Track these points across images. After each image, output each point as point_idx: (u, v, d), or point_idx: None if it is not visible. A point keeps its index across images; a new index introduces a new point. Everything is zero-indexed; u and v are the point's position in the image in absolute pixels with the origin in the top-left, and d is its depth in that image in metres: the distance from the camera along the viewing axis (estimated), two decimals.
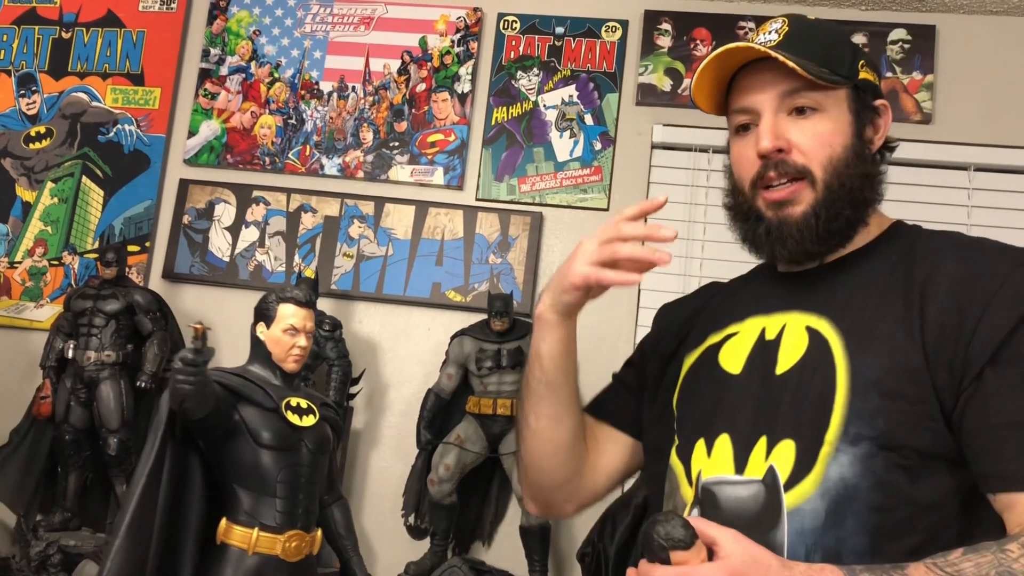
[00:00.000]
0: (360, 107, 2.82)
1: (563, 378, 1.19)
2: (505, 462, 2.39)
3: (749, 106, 1.10)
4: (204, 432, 1.64)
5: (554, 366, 1.18)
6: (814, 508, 0.96)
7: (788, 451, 0.99)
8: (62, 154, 2.91)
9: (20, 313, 2.82)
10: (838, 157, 1.07)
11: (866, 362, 0.99)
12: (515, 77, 2.77)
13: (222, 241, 2.79)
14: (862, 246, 1.11)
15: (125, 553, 1.46)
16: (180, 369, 1.48)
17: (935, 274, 1.02)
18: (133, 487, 1.52)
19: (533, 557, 2.35)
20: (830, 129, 1.07)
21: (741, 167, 1.12)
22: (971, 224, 2.51)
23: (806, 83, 1.06)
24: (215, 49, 2.91)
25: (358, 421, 2.63)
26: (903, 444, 0.95)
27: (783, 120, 1.07)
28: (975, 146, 2.54)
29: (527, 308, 2.61)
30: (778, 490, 0.97)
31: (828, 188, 1.06)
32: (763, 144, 1.06)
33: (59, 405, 2.48)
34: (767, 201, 1.08)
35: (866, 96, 1.11)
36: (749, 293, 1.19)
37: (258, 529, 1.64)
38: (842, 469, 0.96)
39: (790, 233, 1.07)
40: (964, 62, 2.61)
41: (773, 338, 1.08)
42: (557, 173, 2.70)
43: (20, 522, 2.46)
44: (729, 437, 1.05)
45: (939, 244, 1.08)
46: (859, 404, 0.97)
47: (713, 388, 1.10)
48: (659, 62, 2.72)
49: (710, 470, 1.05)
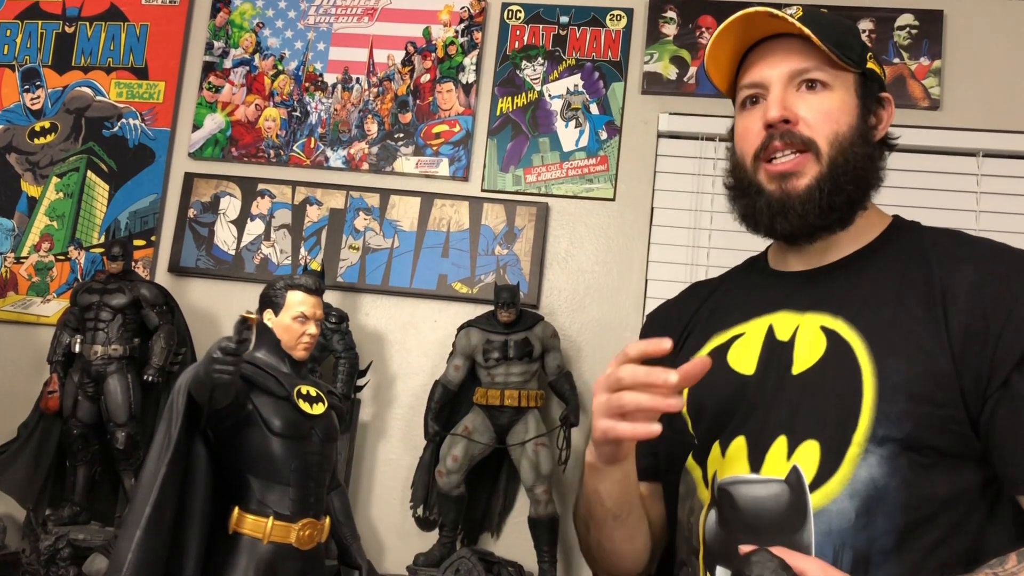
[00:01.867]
0: (364, 99, 2.81)
1: (628, 508, 1.17)
2: (513, 453, 2.39)
3: (759, 80, 1.11)
4: (216, 421, 1.63)
5: (616, 503, 1.15)
6: (841, 509, 0.96)
7: (812, 451, 0.99)
8: (67, 149, 2.91)
9: (27, 308, 2.83)
10: (843, 134, 1.07)
11: (892, 365, 0.99)
12: (520, 67, 2.76)
13: (228, 234, 2.78)
14: (865, 246, 1.11)
15: (145, 547, 1.45)
16: (221, 359, 1.46)
17: (955, 278, 1.02)
18: (149, 479, 1.51)
19: (542, 548, 2.35)
20: (837, 107, 1.08)
21: (745, 140, 1.12)
22: (980, 210, 2.49)
23: (818, 62, 1.07)
24: (218, 42, 2.91)
25: (365, 413, 2.63)
26: (927, 445, 0.96)
27: (792, 93, 1.09)
28: (984, 132, 2.52)
29: (533, 299, 2.61)
30: (803, 490, 0.96)
31: (833, 162, 1.06)
32: (771, 113, 1.07)
33: (66, 400, 2.48)
34: (770, 173, 1.08)
35: (872, 85, 1.12)
36: (748, 292, 1.18)
37: (272, 518, 1.64)
38: (871, 470, 0.96)
39: (792, 206, 1.07)
40: (972, 47, 2.59)
41: (787, 339, 1.08)
42: (563, 163, 2.69)
43: (29, 516, 2.46)
44: (744, 438, 1.05)
45: (951, 247, 1.07)
46: (887, 407, 0.97)
47: (726, 390, 1.10)
48: (664, 50, 2.70)
49: (725, 470, 1.04)
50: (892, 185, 1.16)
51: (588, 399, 2.53)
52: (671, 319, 1.26)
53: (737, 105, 1.16)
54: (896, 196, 1.14)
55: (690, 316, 1.23)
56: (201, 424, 1.60)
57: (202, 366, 1.49)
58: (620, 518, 1.16)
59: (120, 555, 1.44)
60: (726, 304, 1.19)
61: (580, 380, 2.50)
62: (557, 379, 2.43)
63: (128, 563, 1.42)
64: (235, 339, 1.48)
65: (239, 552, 1.62)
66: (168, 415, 1.56)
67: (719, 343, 1.14)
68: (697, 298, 1.25)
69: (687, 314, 1.23)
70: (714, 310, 1.20)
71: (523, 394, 2.37)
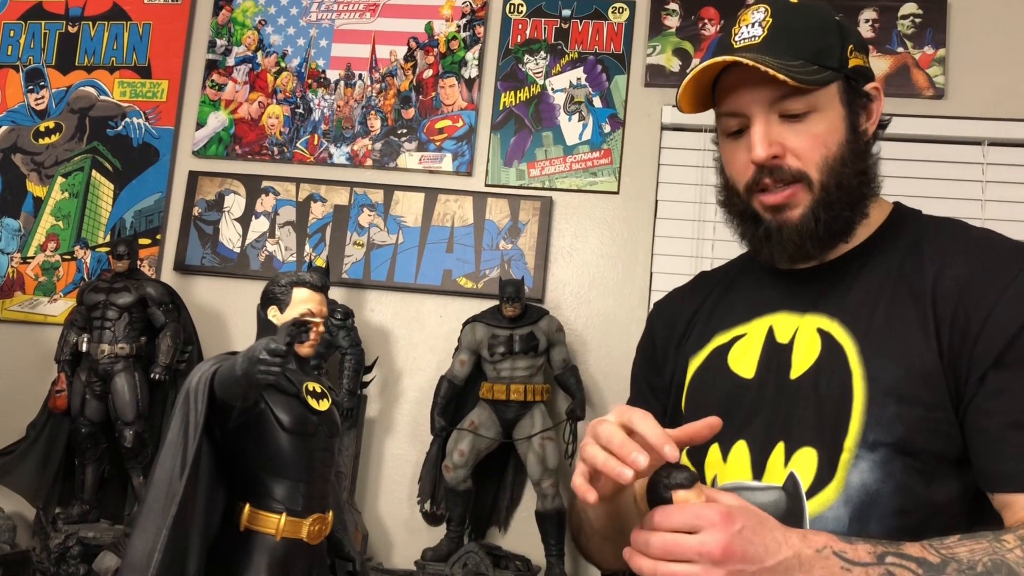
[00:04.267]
0: (367, 95, 2.81)
1: (616, 533, 1.13)
2: (519, 447, 2.39)
3: (738, 110, 1.06)
4: (224, 418, 1.63)
5: (604, 528, 1.15)
6: (837, 515, 0.95)
7: (810, 459, 0.98)
8: (71, 149, 2.91)
9: (34, 308, 2.84)
10: (833, 156, 1.04)
11: (882, 368, 0.98)
12: (522, 61, 2.76)
13: (232, 232, 2.79)
14: (865, 240, 1.09)
15: (170, 548, 1.45)
16: (268, 360, 1.45)
17: (944, 274, 1.00)
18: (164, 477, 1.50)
19: (550, 542, 2.35)
20: (824, 129, 1.04)
21: (735, 169, 1.09)
22: (985, 199, 2.48)
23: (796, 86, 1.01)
24: (221, 40, 2.91)
25: (372, 409, 2.63)
26: (920, 449, 0.95)
27: (775, 125, 1.04)
28: (989, 120, 2.50)
29: (538, 293, 2.61)
30: (800, 497, 0.96)
31: (825, 189, 1.04)
32: (756, 153, 1.03)
33: (74, 399, 2.49)
34: (764, 205, 1.06)
35: (858, 84, 1.07)
36: (750, 291, 1.17)
37: (285, 514, 1.64)
38: (863, 475, 0.96)
39: (790, 237, 1.05)
40: (977, 35, 2.57)
41: (786, 342, 1.07)
42: (566, 157, 2.69)
43: (39, 515, 2.48)
44: (746, 443, 1.04)
45: (946, 240, 1.05)
46: (877, 411, 0.96)
47: (725, 392, 1.09)
48: (667, 42, 2.69)
49: (727, 476, 1.04)
50: (896, 175, 1.15)
51: (594, 393, 2.53)
52: (676, 313, 1.25)
53: (720, 131, 1.12)
54: (900, 186, 1.13)
55: (694, 311, 1.21)
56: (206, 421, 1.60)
57: (242, 365, 1.48)
58: (610, 539, 1.15)
59: (140, 554, 1.44)
60: (729, 301, 1.18)
61: (586, 374, 2.50)
62: (563, 373, 2.43)
63: (155, 564, 1.42)
64: (285, 340, 1.48)
65: (255, 549, 1.62)
66: (184, 412, 1.56)
67: (721, 343, 1.13)
68: (701, 293, 1.24)
69: (691, 308, 1.22)
70: (716, 307, 1.19)
71: (529, 388, 2.37)
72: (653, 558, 0.84)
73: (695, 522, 0.83)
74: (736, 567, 0.82)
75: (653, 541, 0.84)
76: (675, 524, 0.84)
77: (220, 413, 1.60)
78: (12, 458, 2.50)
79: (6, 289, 2.85)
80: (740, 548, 0.82)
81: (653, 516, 0.86)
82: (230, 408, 1.59)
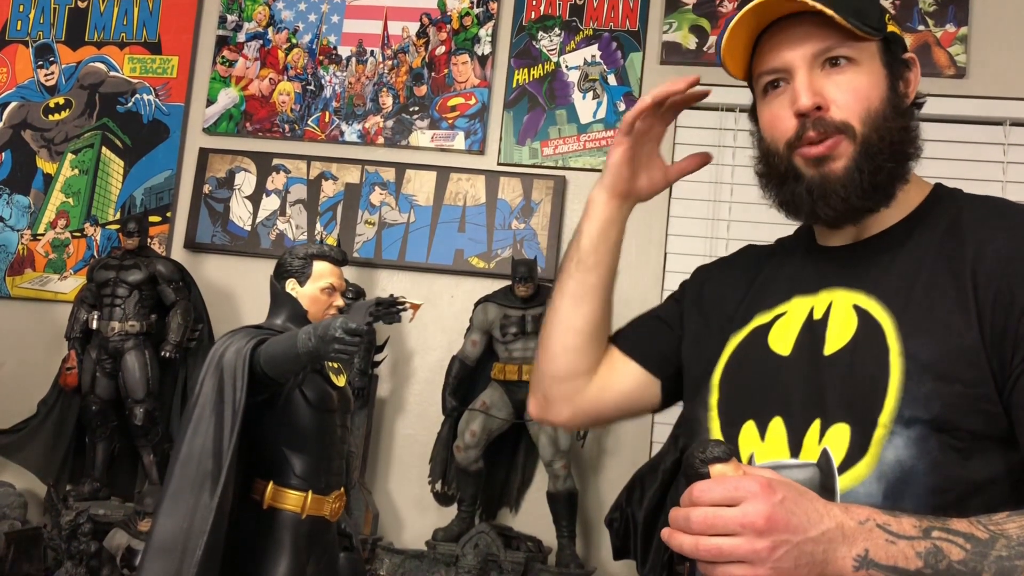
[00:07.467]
0: (379, 72, 2.78)
1: (594, 259, 1.21)
2: (531, 428, 2.38)
3: (781, 66, 1.06)
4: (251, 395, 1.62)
5: (590, 244, 1.20)
6: (869, 491, 0.94)
7: (843, 434, 0.97)
8: (81, 125, 2.89)
9: (44, 285, 2.83)
10: (876, 110, 1.03)
11: (920, 345, 0.96)
12: (536, 38, 2.72)
13: (243, 210, 2.77)
14: (904, 218, 1.08)
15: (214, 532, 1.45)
16: (347, 340, 1.44)
17: (985, 251, 0.98)
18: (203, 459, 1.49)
19: (561, 523, 2.35)
20: (866, 82, 1.04)
21: (775, 128, 1.08)
22: (1007, 180, 2.44)
23: (840, 38, 1.02)
24: (232, 15, 2.88)
25: (383, 389, 2.62)
26: (957, 426, 0.93)
27: (818, 75, 1.04)
28: (1011, 100, 2.46)
29: (551, 274, 2.58)
30: (832, 473, 0.94)
31: (867, 141, 1.03)
32: (802, 101, 1.02)
33: (85, 376, 2.49)
34: (806, 158, 1.05)
35: (896, 49, 1.07)
36: (793, 268, 1.16)
37: (311, 492, 1.64)
38: (898, 452, 0.94)
39: (834, 189, 1.03)
40: (999, 13, 2.52)
41: (820, 317, 1.05)
42: (580, 135, 2.66)
43: (50, 492, 2.48)
44: (783, 420, 1.03)
45: (985, 216, 1.04)
46: (914, 388, 0.95)
47: (763, 370, 1.07)
48: (684, 19, 2.65)
49: (764, 454, 1.02)
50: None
51: None
52: (727, 286, 1.23)
53: (758, 91, 1.12)
54: (923, 167, 1.10)
55: (745, 290, 1.20)
56: None
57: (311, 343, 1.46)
58: (582, 266, 1.20)
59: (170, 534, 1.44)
60: (774, 278, 1.17)
61: None
62: None
63: (202, 546, 1.42)
64: (366, 320, 1.46)
65: (281, 527, 1.61)
66: (217, 388, 1.54)
67: (762, 322, 1.12)
68: (750, 270, 1.23)
69: (744, 287, 1.20)
70: (764, 286, 1.18)
71: None
72: (694, 533, 0.83)
73: (735, 494, 0.82)
74: (780, 537, 0.81)
75: (694, 516, 0.83)
76: (715, 497, 0.83)
77: (253, 390, 1.58)
78: (23, 435, 2.51)
79: (16, 266, 2.85)
80: (783, 518, 0.81)
81: (692, 491, 0.85)
82: (263, 385, 1.57)
